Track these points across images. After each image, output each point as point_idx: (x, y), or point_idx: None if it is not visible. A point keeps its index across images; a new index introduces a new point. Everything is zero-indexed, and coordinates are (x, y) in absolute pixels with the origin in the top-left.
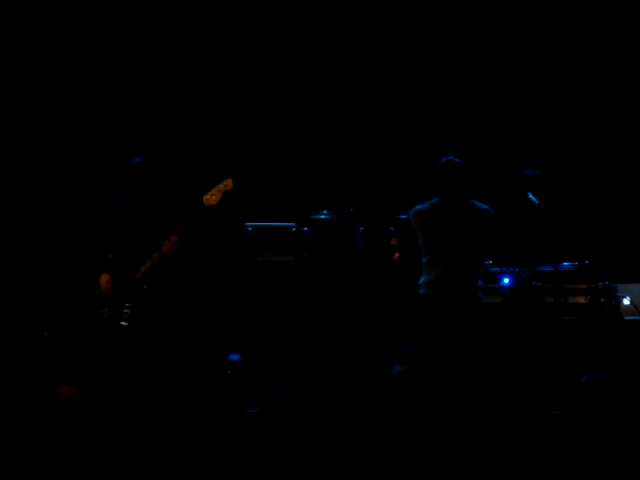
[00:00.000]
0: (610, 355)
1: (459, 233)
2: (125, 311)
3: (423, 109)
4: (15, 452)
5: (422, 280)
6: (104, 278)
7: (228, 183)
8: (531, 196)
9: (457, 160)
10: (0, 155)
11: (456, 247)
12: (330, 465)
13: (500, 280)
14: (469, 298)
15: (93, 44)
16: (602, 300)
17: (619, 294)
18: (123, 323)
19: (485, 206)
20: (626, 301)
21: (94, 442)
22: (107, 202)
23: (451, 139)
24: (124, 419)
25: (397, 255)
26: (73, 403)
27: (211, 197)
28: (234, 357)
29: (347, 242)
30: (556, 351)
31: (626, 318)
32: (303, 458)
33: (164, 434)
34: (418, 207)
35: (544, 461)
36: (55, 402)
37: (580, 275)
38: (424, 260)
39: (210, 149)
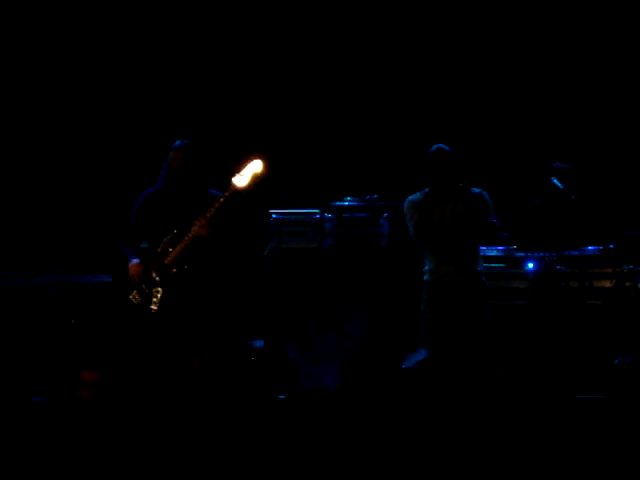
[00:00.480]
0: (636, 339)
1: (453, 221)
2: (155, 296)
3: (448, 94)
4: (33, 439)
5: (425, 268)
6: (134, 263)
7: (258, 165)
8: (555, 181)
9: (446, 148)
10: (40, 143)
11: (451, 235)
12: (352, 453)
13: (525, 265)
14: (471, 283)
15: (121, 26)
16: (627, 284)
17: None
18: (153, 307)
19: (477, 190)
20: None
21: (115, 427)
22: (145, 196)
23: (476, 125)
24: (149, 404)
25: None
26: (94, 390)
27: (240, 179)
28: (259, 344)
29: (371, 228)
30: (581, 335)
31: None
32: (327, 445)
33: (189, 417)
34: (410, 198)
35: (572, 444)
36: (76, 389)
37: (605, 259)
38: (423, 251)
39: (233, 136)
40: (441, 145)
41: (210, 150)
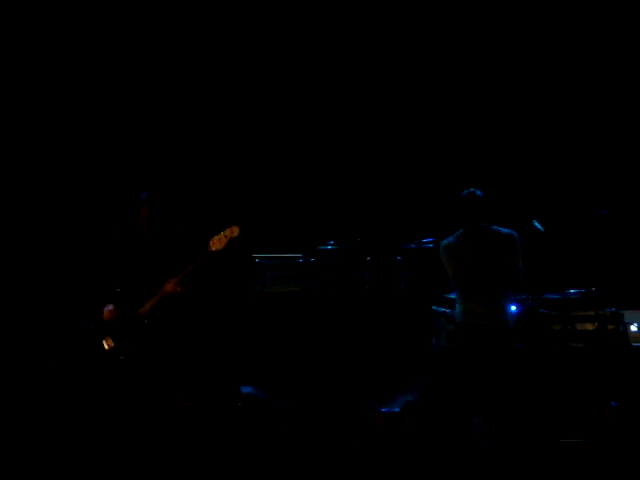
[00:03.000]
0: (618, 381)
1: (486, 263)
2: (125, 346)
3: (426, 139)
4: None
5: (457, 310)
6: (108, 308)
7: (234, 230)
8: (536, 224)
9: (478, 192)
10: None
11: (484, 278)
12: None
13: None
14: (500, 326)
15: (96, 72)
16: (610, 327)
17: (627, 320)
18: (122, 357)
19: (507, 230)
20: (634, 327)
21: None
22: (113, 235)
23: (455, 168)
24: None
25: None
26: None
27: (217, 242)
28: (246, 390)
29: (354, 272)
30: (564, 378)
31: (634, 344)
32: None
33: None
34: (444, 242)
35: None
36: None
37: (587, 302)
38: (455, 292)
39: (216, 181)
40: (472, 189)
41: (186, 194)
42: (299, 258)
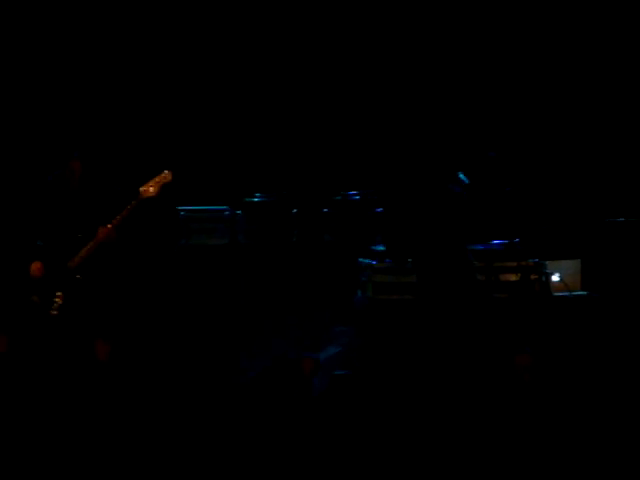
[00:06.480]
0: (540, 331)
1: None
2: (56, 300)
3: (351, 92)
4: None
5: None
6: (35, 265)
7: (167, 175)
8: (461, 175)
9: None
10: None
11: None
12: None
13: None
14: None
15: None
16: (532, 277)
17: (549, 271)
18: (53, 312)
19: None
20: (555, 277)
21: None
22: (37, 187)
23: (386, 121)
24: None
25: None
26: None
27: (149, 188)
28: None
29: (281, 225)
30: (488, 328)
31: (556, 294)
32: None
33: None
34: None
35: (474, 435)
36: None
37: (510, 253)
38: None
39: (142, 133)
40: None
41: (115, 151)
42: (226, 211)
